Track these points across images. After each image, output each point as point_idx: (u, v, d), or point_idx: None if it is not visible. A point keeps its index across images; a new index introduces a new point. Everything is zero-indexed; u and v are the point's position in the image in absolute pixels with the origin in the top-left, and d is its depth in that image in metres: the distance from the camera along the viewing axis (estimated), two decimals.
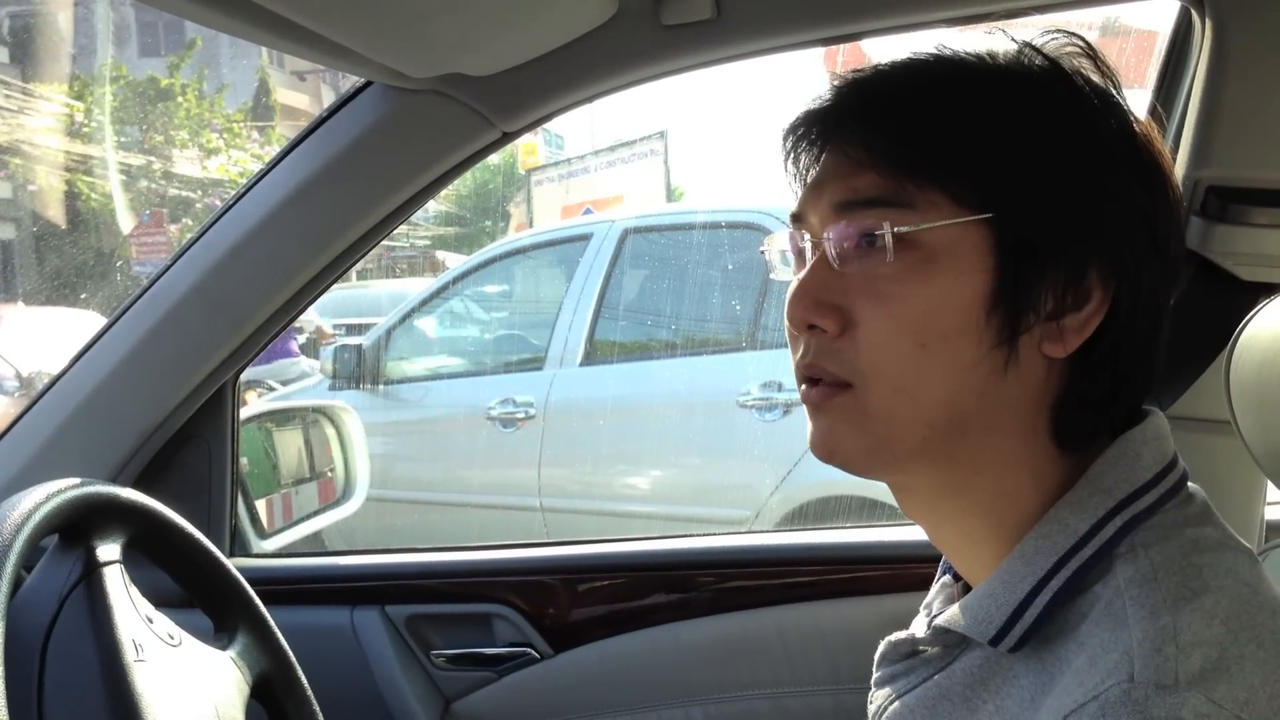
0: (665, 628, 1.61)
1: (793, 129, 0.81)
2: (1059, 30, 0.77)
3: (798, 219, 0.81)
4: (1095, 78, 0.76)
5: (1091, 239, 0.73)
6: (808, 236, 0.78)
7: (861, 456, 0.76)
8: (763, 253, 0.87)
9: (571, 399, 4.55)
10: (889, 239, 0.72)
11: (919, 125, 0.73)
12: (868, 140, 0.74)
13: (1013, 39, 0.77)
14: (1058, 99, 0.75)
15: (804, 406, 0.79)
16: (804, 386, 0.78)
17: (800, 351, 0.78)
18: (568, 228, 6.24)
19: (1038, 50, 0.76)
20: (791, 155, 0.81)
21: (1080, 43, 0.77)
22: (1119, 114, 0.76)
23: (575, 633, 1.63)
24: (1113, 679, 0.64)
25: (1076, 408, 0.76)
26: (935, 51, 0.78)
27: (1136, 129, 0.77)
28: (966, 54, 0.77)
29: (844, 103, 0.78)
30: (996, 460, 0.76)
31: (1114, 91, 0.77)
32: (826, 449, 0.77)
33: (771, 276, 0.86)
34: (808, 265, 0.77)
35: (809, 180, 0.80)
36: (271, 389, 6.44)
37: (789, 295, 0.77)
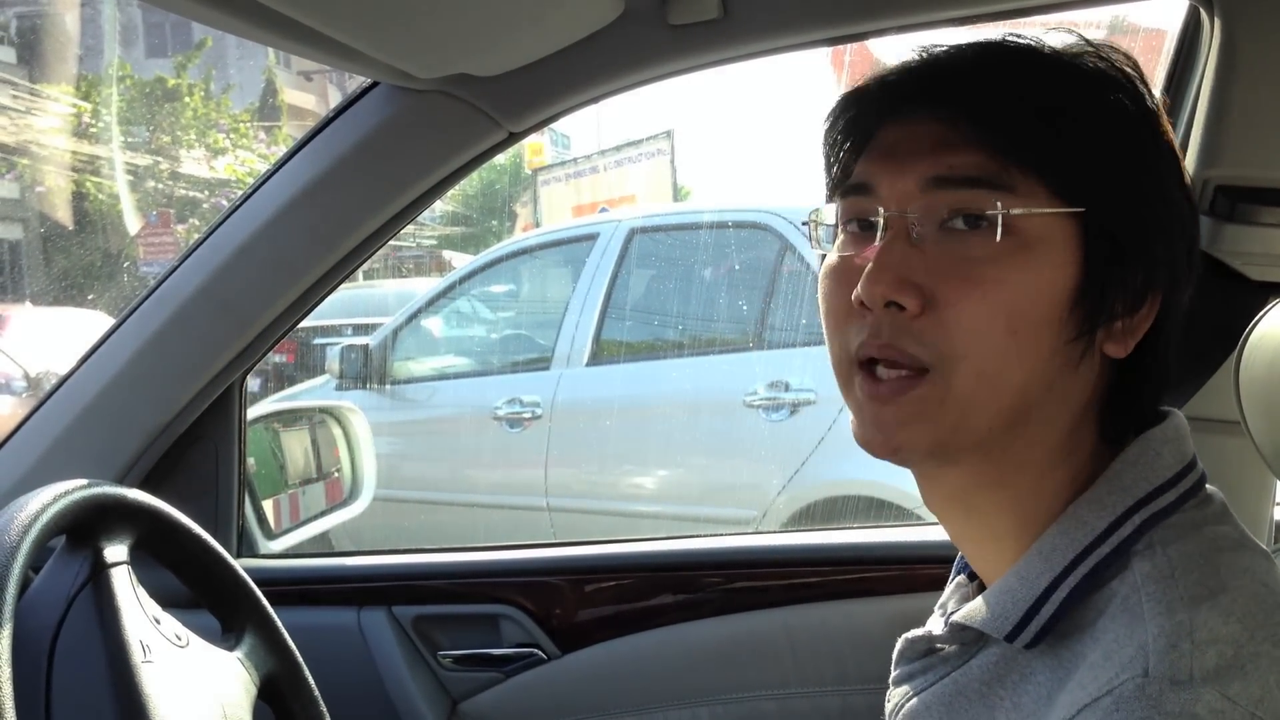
0: (672, 628, 1.61)
1: (859, 96, 0.79)
2: (1109, 45, 0.78)
3: (860, 189, 0.77)
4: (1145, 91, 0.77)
5: (1161, 244, 0.75)
6: (881, 210, 0.74)
7: (927, 449, 0.74)
8: (806, 223, 0.83)
9: (578, 399, 4.55)
10: (999, 220, 0.71)
11: (1031, 110, 0.72)
12: (976, 117, 0.72)
13: (1087, 41, 0.77)
14: (1141, 106, 0.76)
15: (856, 394, 0.76)
16: (862, 374, 0.75)
17: (865, 329, 0.74)
18: (574, 227, 6.24)
19: (1107, 59, 0.76)
20: (853, 124, 0.79)
21: (1126, 56, 0.78)
22: (1169, 129, 0.78)
23: (582, 633, 1.63)
24: (1127, 673, 0.64)
25: (1125, 407, 0.78)
26: (1022, 40, 0.77)
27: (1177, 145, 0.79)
28: (1051, 48, 0.77)
29: (938, 74, 0.76)
30: (1041, 456, 0.76)
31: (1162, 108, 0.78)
32: (892, 444, 0.74)
33: (812, 249, 0.83)
34: (881, 239, 0.74)
35: (878, 150, 0.77)
36: None
37: (868, 270, 0.73)
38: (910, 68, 0.78)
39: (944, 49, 0.77)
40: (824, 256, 0.81)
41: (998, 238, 0.71)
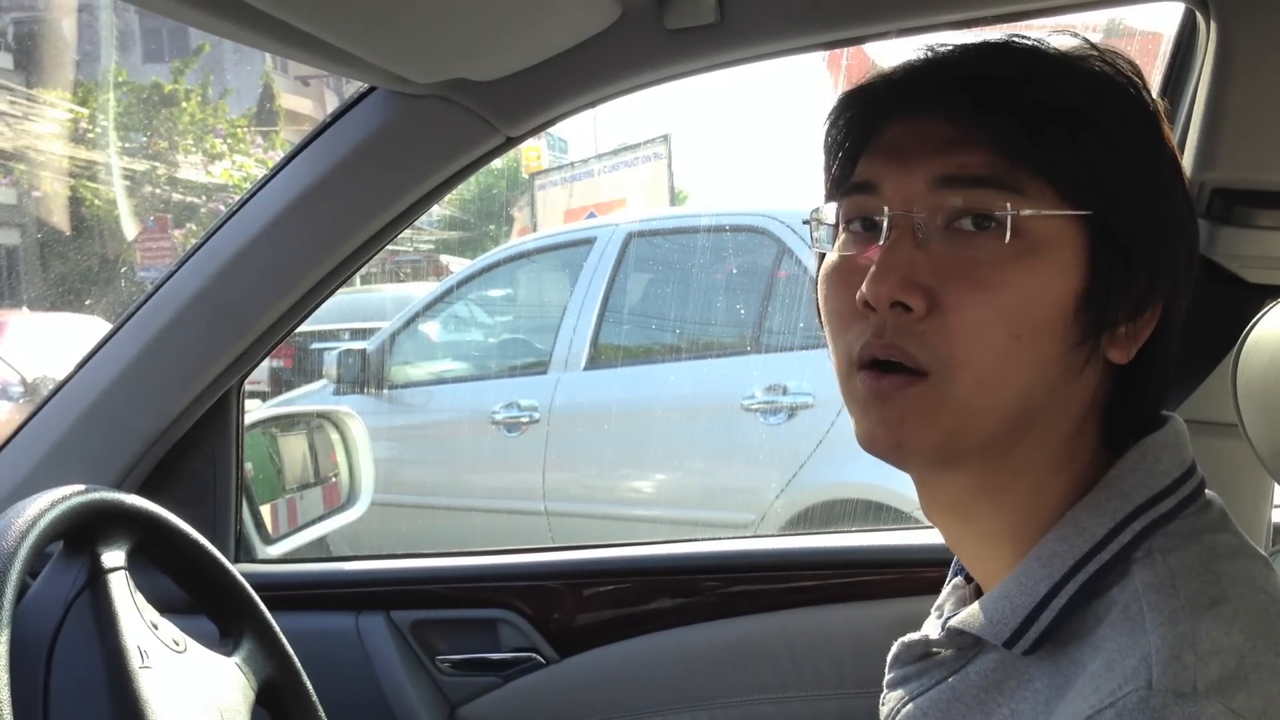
0: (670, 632, 1.61)
1: (863, 94, 0.78)
2: (1111, 49, 0.77)
3: (864, 188, 0.76)
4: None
5: (1164, 248, 0.75)
6: (886, 209, 0.73)
7: (929, 451, 0.73)
8: (807, 223, 0.82)
9: (576, 403, 4.55)
10: (1008, 221, 0.70)
11: (1041, 111, 0.71)
12: (985, 116, 0.71)
13: (1091, 44, 0.76)
14: (1145, 110, 0.76)
15: (858, 393, 0.75)
16: (864, 372, 0.74)
17: (868, 330, 0.73)
18: (571, 232, 6.24)
19: (1111, 63, 0.76)
20: (856, 122, 0.78)
21: (1129, 61, 0.77)
22: (1169, 133, 0.78)
23: (580, 638, 1.63)
24: (1130, 685, 0.64)
25: (1127, 412, 0.77)
26: (1028, 41, 0.76)
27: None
28: (1056, 49, 0.76)
29: (946, 73, 0.75)
30: (1042, 461, 0.76)
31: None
32: (893, 440, 0.73)
33: (812, 248, 0.82)
34: (886, 239, 0.72)
35: (882, 148, 0.76)
36: None
37: (874, 270, 0.71)
38: (915, 66, 0.77)
39: (949, 48, 0.76)
40: (823, 257, 0.80)
41: (1007, 239, 0.70)
